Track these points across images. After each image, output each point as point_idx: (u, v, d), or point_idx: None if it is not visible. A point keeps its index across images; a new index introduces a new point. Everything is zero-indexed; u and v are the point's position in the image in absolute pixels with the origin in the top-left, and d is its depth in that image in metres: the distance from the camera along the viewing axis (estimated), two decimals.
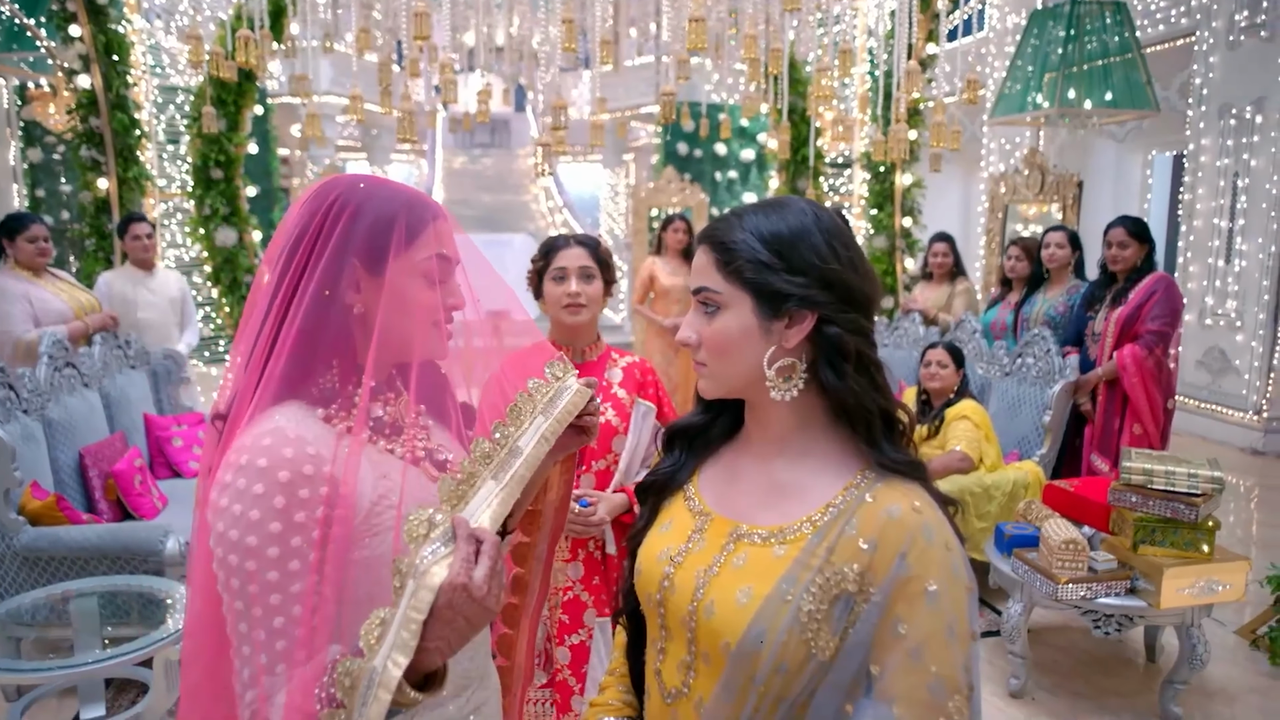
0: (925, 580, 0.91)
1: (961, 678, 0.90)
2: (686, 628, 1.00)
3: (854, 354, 0.97)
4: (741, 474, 1.07)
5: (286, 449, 0.96)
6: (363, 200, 1.04)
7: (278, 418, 0.99)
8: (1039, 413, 4.16)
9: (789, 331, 0.98)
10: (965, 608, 0.92)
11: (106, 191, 6.23)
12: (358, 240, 1.02)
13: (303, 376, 1.02)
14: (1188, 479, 2.84)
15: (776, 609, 0.93)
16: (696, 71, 11.54)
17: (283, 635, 0.93)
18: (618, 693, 1.20)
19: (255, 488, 0.94)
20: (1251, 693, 3.17)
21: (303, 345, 1.01)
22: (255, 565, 0.93)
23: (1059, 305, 4.51)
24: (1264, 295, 6.43)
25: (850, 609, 0.92)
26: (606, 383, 2.07)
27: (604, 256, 2.10)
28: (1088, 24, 6.02)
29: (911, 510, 0.93)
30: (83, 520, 3.23)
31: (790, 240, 0.97)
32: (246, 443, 0.97)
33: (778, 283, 0.96)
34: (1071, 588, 2.87)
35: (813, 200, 1.06)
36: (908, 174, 7.50)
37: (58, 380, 3.72)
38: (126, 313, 4.68)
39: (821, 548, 0.94)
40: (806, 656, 0.92)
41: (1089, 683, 3.25)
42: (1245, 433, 6.52)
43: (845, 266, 0.98)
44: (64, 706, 2.99)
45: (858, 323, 0.98)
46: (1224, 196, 6.72)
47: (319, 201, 1.04)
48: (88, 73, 6.03)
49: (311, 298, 1.00)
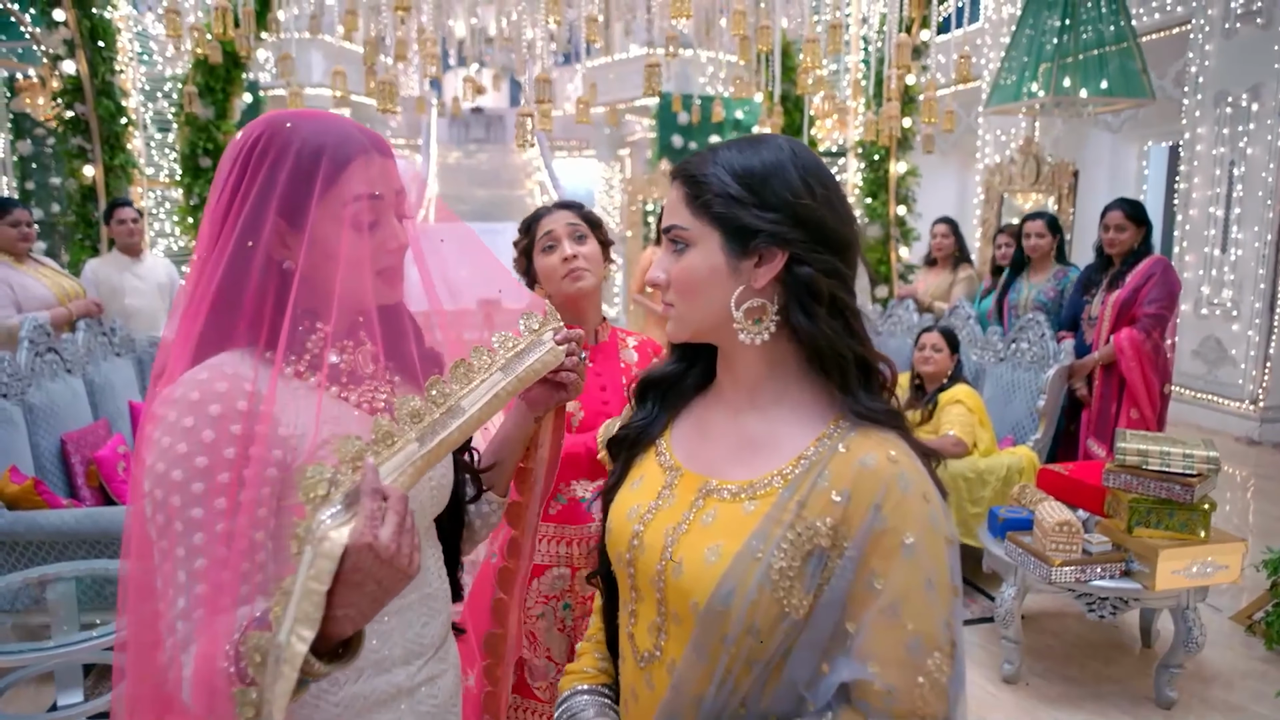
0: (901, 533, 0.86)
1: (942, 634, 0.86)
2: (656, 588, 0.96)
3: (827, 297, 0.91)
4: (712, 427, 1.02)
5: (220, 383, 0.91)
6: (284, 144, 0.96)
7: (221, 359, 0.95)
8: (1033, 398, 4.12)
9: (758, 271, 0.93)
10: (945, 560, 0.87)
11: (93, 179, 6.17)
12: (277, 189, 0.95)
13: (229, 328, 0.97)
14: (1183, 459, 2.80)
15: (746, 567, 0.88)
16: (690, 63, 11.50)
17: (203, 578, 0.87)
18: (593, 659, 1.15)
19: (185, 420, 0.90)
20: (1248, 677, 3.14)
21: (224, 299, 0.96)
22: (180, 500, 0.88)
23: (1048, 290, 4.50)
24: (1260, 284, 6.40)
25: (824, 565, 0.87)
26: (625, 364, 1.91)
27: (592, 217, 1.88)
28: (1083, 13, 5.97)
29: (887, 460, 0.88)
30: (62, 505, 3.18)
31: (762, 175, 0.91)
32: (184, 379, 0.94)
33: (746, 218, 0.91)
34: (1065, 570, 2.83)
35: (793, 138, 1.01)
36: (902, 162, 7.47)
37: (39, 365, 3.67)
38: (113, 299, 4.62)
39: (793, 502, 0.89)
40: (779, 615, 0.87)
41: (1083, 668, 3.21)
42: (1241, 422, 6.49)
43: (820, 204, 0.92)
44: (41, 694, 2.94)
45: (832, 264, 0.92)
46: (1220, 185, 6.69)
47: (239, 146, 0.99)
48: (73, 58, 5.97)
49: (233, 251, 0.95)
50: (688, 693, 0.92)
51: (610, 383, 1.86)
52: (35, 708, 2.90)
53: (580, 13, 6.03)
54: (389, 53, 7.57)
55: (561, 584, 1.82)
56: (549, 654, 1.82)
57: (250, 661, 0.80)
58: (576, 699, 1.10)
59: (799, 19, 6.24)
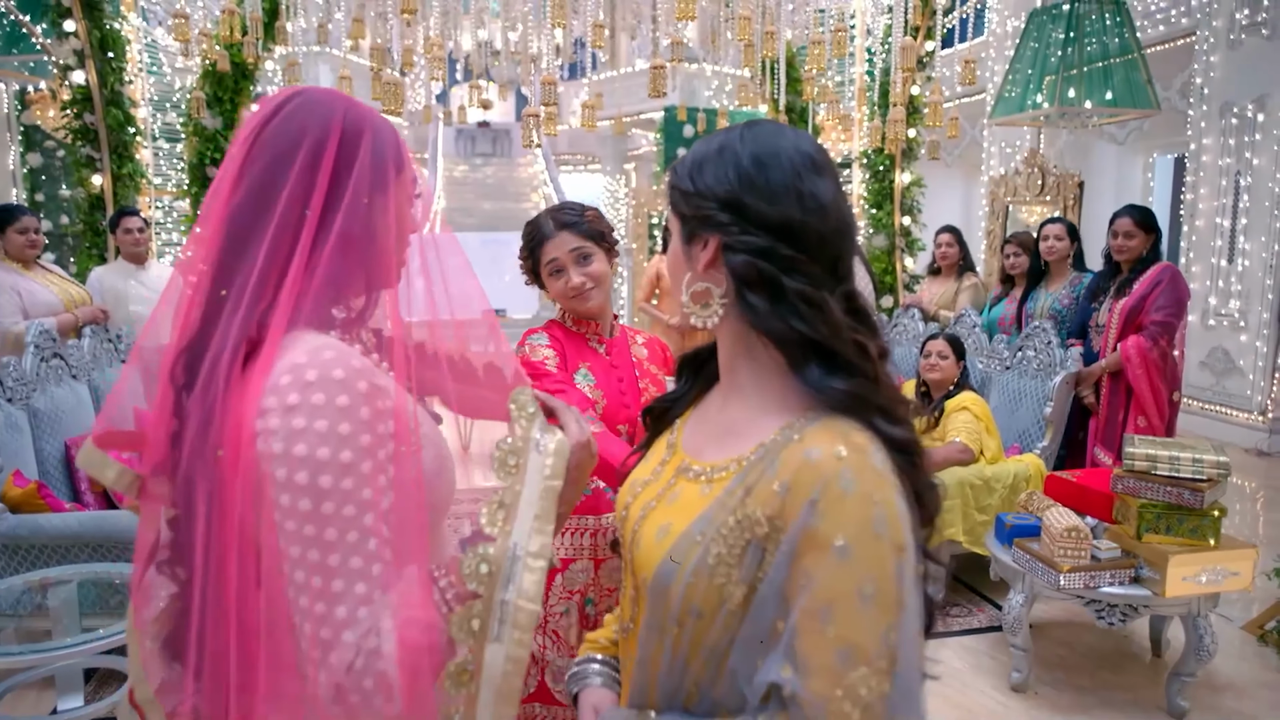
0: (833, 534, 0.81)
1: (875, 647, 0.80)
2: (629, 559, 1.00)
3: (759, 280, 0.89)
4: (711, 410, 1.04)
5: (354, 359, 0.88)
6: (373, 116, 1.00)
7: (309, 340, 0.89)
8: (1040, 405, 4.10)
9: (701, 255, 0.94)
10: (890, 569, 0.81)
11: (101, 188, 6.21)
12: (380, 156, 0.97)
13: (333, 298, 0.95)
14: (1192, 464, 2.78)
15: (686, 549, 0.88)
16: (695, 76, 11.56)
17: (378, 559, 0.84)
18: (610, 630, 1.17)
19: (339, 399, 0.84)
20: (1261, 687, 3.09)
21: (339, 265, 0.93)
22: (352, 483, 0.83)
23: (1063, 298, 4.47)
24: (1268, 295, 6.37)
25: (761, 557, 0.85)
26: (637, 360, 1.94)
27: (594, 229, 1.85)
28: (1087, 25, 5.98)
29: (832, 455, 0.83)
30: (65, 508, 3.18)
31: (699, 163, 0.94)
32: (301, 360, 0.86)
33: (683, 206, 0.95)
34: (1074, 576, 2.80)
35: (773, 122, 0.99)
36: (907, 172, 7.47)
37: (44, 371, 3.68)
38: (119, 307, 4.63)
39: (740, 488, 0.88)
40: (719, 601, 0.86)
41: (1093, 677, 3.17)
42: (1250, 433, 6.44)
43: (746, 188, 0.90)
44: (43, 698, 2.93)
45: (766, 247, 0.89)
46: (1226, 196, 6.68)
47: (325, 111, 0.96)
48: (82, 68, 6.02)
49: (346, 215, 0.93)
50: (650, 667, 0.94)
51: (625, 374, 1.90)
52: (36, 712, 2.88)
53: (586, 23, 6.06)
54: (396, 66, 7.63)
55: (585, 577, 1.82)
56: (572, 652, 1.80)
57: (474, 578, 0.85)
58: (588, 666, 1.13)
59: (804, 27, 6.27)
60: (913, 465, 0.89)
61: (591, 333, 1.90)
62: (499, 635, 0.83)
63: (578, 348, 1.87)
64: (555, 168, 17.70)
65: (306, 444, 0.82)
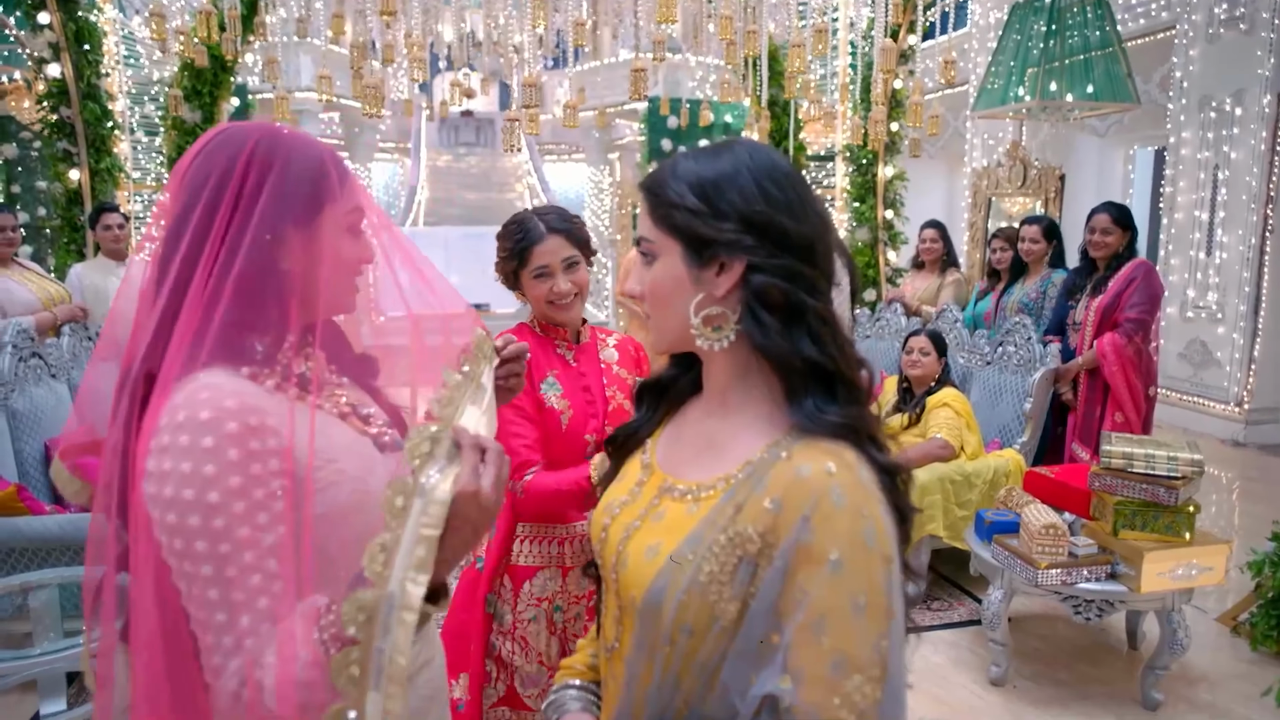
0: (827, 548, 0.83)
1: (868, 657, 0.82)
2: (613, 581, 1.00)
3: (783, 304, 0.90)
4: (687, 428, 1.04)
5: (228, 401, 0.90)
6: (290, 149, 0.99)
7: (203, 378, 0.92)
8: (1020, 401, 4.14)
9: (719, 279, 0.92)
10: (880, 581, 0.84)
11: (78, 183, 6.13)
12: (290, 190, 0.98)
13: (237, 335, 0.96)
14: (1167, 462, 2.82)
15: (677, 568, 0.89)
16: (679, 67, 11.53)
17: (263, 592, 0.87)
18: (586, 656, 1.17)
19: (204, 441, 0.87)
20: (1233, 678, 3.15)
21: (239, 302, 0.94)
22: (222, 523, 0.86)
23: (1031, 293, 4.60)
24: (1245, 287, 6.44)
25: (754, 572, 0.87)
26: (605, 364, 1.91)
27: (582, 236, 1.84)
28: (1068, 18, 6.01)
29: (823, 471, 0.86)
30: (45, 511, 3.15)
31: (715, 183, 0.91)
32: (179, 401, 0.90)
33: (701, 228, 0.91)
34: (1051, 573, 2.84)
35: (759, 143, 1.01)
36: (890, 166, 7.49)
37: (22, 371, 3.64)
38: (99, 304, 4.58)
39: (730, 506, 0.89)
40: (711, 618, 0.88)
41: (1070, 670, 3.22)
42: (1226, 424, 6.53)
43: (775, 207, 0.91)
44: (24, 702, 2.91)
45: (793, 268, 0.90)
46: (1204, 189, 6.74)
47: (235, 148, 0.98)
48: (58, 61, 5.94)
49: (246, 252, 0.95)
50: (637, 687, 0.94)
51: (593, 382, 1.87)
52: (18, 716, 2.87)
53: (568, 18, 6.03)
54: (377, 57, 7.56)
55: (553, 586, 1.82)
56: (540, 658, 1.81)
57: (352, 623, 0.82)
58: (565, 693, 1.12)
59: (786, 24, 6.26)
60: (895, 488, 0.91)
61: (560, 339, 1.88)
62: (377, 684, 0.82)
63: (546, 354, 1.85)
64: (539, 158, 17.63)
65: (173, 486, 0.87)
